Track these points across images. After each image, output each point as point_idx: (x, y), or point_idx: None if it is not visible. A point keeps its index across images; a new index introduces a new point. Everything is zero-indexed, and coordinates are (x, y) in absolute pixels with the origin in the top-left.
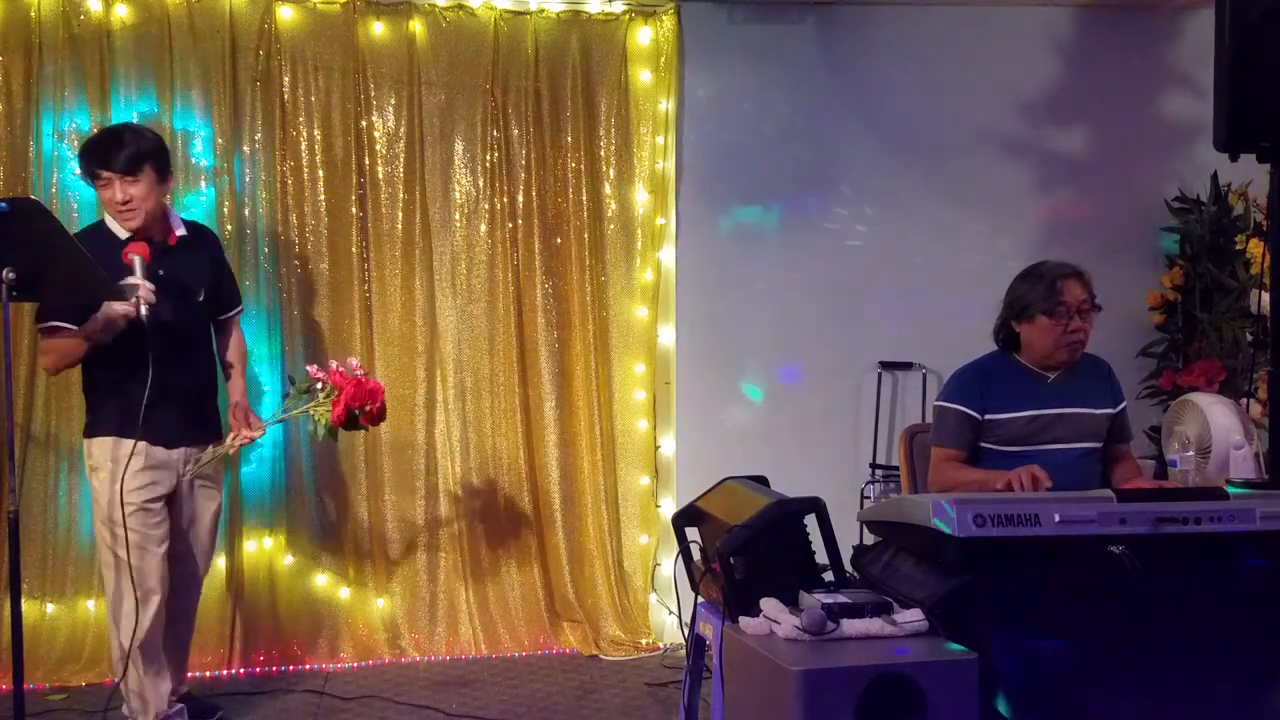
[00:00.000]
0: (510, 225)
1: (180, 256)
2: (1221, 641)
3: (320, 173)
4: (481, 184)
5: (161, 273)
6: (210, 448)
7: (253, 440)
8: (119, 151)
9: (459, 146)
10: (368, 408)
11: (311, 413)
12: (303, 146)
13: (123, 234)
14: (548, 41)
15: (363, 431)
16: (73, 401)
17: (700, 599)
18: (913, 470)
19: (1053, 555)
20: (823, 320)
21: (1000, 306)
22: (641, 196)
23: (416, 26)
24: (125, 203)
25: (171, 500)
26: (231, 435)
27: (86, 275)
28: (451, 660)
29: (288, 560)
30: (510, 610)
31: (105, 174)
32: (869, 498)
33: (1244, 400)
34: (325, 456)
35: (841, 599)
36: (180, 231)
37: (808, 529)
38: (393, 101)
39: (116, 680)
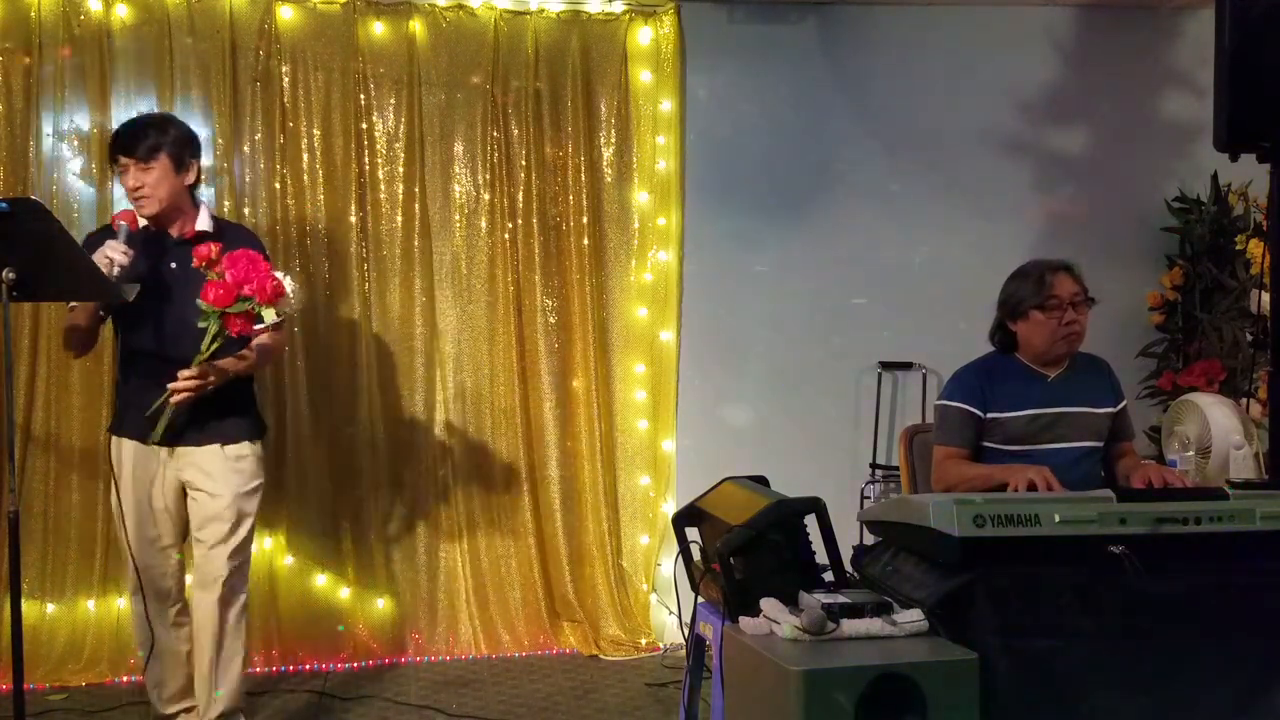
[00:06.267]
0: (510, 225)
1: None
2: (1221, 642)
3: (320, 173)
4: (481, 184)
5: (174, 265)
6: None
7: (185, 391)
8: (135, 139)
9: (459, 146)
10: (251, 288)
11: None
12: (303, 146)
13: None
14: (548, 41)
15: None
16: (72, 401)
17: (700, 599)
18: (913, 470)
19: (1053, 555)
20: (823, 320)
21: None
22: (642, 197)
23: (416, 26)
24: (137, 189)
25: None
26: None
27: (86, 276)
28: (451, 660)
29: (288, 560)
30: (510, 610)
31: (123, 160)
32: (869, 498)
33: (1244, 400)
34: (326, 456)
35: (841, 599)
36: (202, 227)
37: (808, 529)
38: (393, 101)
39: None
